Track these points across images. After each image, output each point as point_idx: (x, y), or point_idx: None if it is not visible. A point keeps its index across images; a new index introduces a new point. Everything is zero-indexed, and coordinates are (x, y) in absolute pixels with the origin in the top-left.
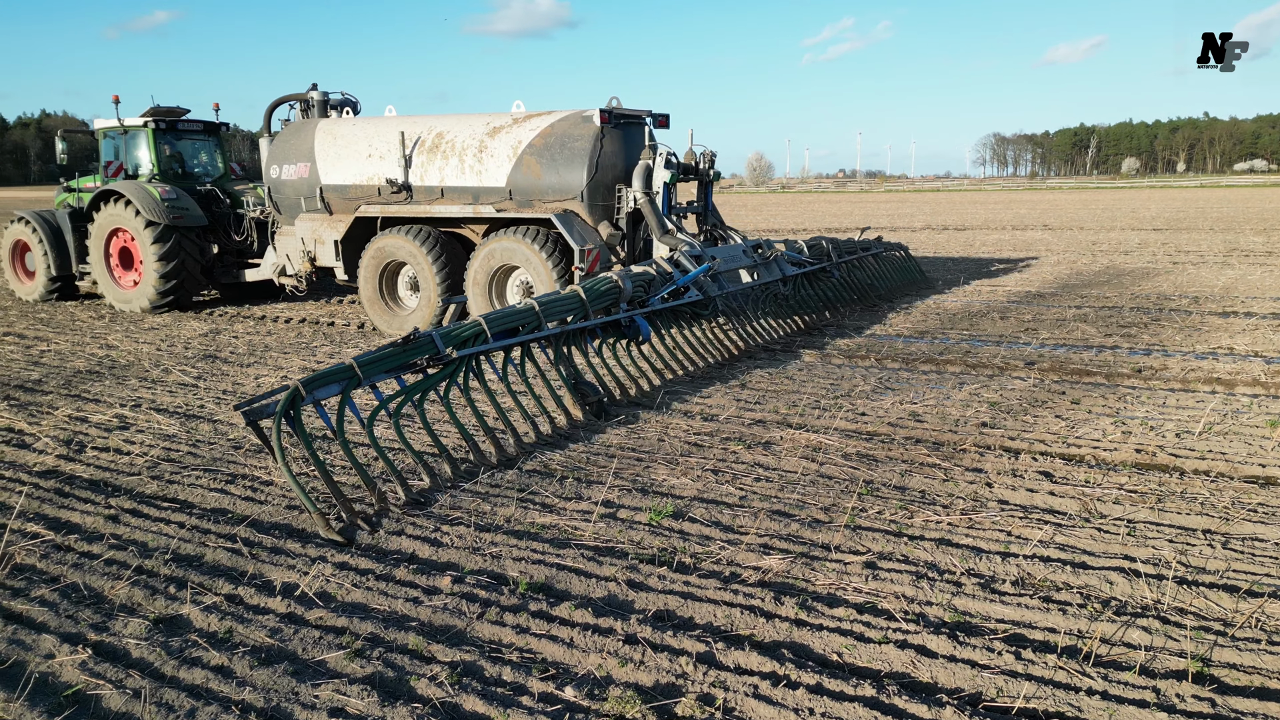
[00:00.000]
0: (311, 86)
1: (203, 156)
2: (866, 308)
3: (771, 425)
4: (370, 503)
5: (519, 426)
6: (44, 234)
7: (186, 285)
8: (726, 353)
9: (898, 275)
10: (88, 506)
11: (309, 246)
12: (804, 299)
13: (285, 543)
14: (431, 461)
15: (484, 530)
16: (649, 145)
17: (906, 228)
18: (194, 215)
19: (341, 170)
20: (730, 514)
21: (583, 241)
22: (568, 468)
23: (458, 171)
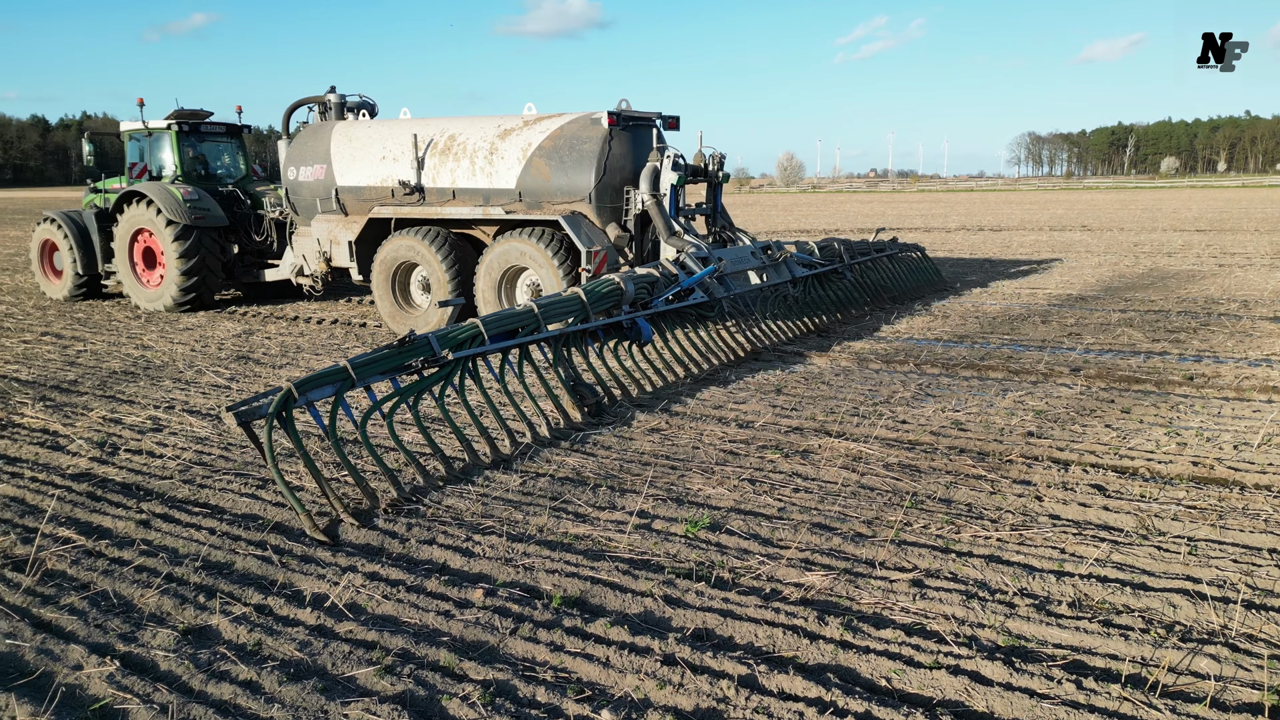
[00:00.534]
0: (330, 89)
1: (225, 158)
2: (879, 310)
3: (809, 433)
4: (360, 501)
5: (515, 426)
6: (71, 234)
7: (207, 284)
8: (732, 355)
9: (913, 277)
10: (119, 511)
11: (325, 247)
12: (814, 301)
13: (315, 551)
14: (425, 461)
15: (516, 540)
16: (657, 147)
17: (941, 228)
18: (215, 216)
19: (356, 172)
20: (769, 526)
21: (590, 243)
22: (601, 475)
23: (469, 173)
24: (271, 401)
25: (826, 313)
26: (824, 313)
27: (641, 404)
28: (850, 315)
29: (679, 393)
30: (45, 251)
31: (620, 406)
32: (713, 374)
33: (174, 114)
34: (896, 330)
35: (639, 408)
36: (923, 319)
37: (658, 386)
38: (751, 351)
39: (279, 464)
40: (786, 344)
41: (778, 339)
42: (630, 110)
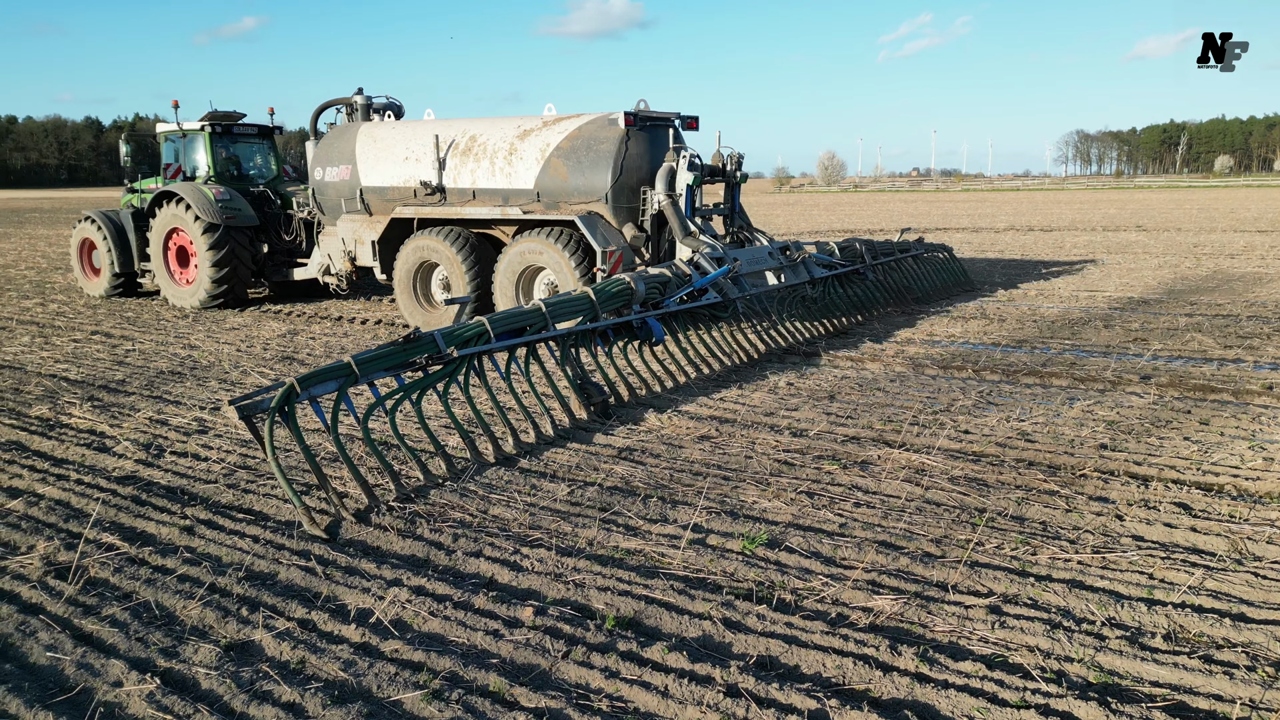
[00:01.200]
0: (357, 90)
1: (257, 159)
2: (902, 311)
3: (867, 443)
4: (359, 499)
5: (519, 424)
6: (109, 233)
7: (238, 282)
8: (745, 356)
9: (939, 277)
10: (163, 516)
11: (349, 246)
12: (834, 301)
13: (360, 562)
14: (427, 458)
15: (566, 554)
16: (673, 147)
17: (989, 228)
18: (245, 215)
19: (380, 172)
20: (831, 544)
21: (606, 243)
22: (651, 486)
23: (489, 174)
24: (274, 396)
25: (846, 314)
26: (844, 314)
27: (649, 404)
28: (871, 316)
29: (694, 393)
30: (84, 250)
31: (629, 407)
32: (759, 378)
33: (207, 116)
34: (950, 334)
35: (647, 408)
36: (978, 322)
37: (668, 387)
38: (766, 353)
39: (279, 458)
40: (804, 344)
41: (794, 340)
42: (648, 110)
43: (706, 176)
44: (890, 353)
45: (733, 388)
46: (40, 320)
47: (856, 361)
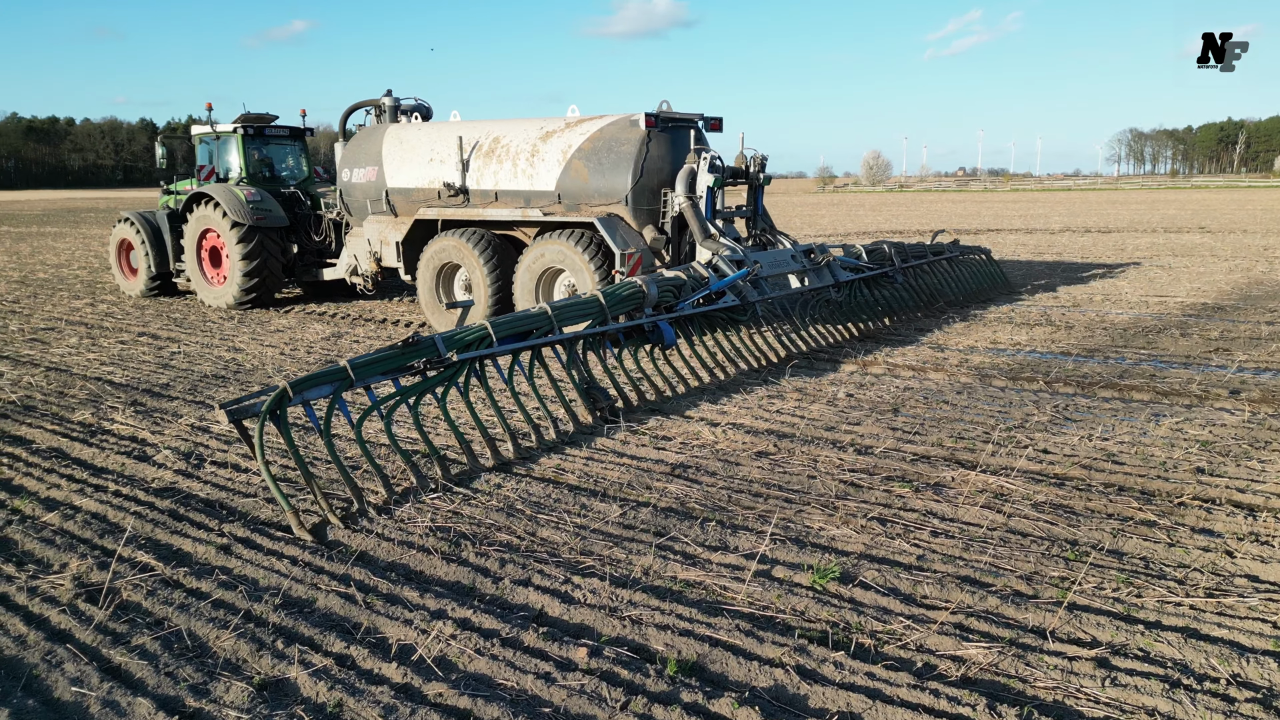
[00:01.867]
0: (386, 92)
1: (289, 160)
2: (932, 314)
3: (939, 463)
4: (349, 502)
5: (519, 428)
6: (145, 233)
7: (268, 283)
8: (764, 360)
9: (976, 280)
10: (200, 533)
11: (375, 247)
12: (860, 305)
13: (402, 589)
14: (422, 461)
15: (620, 585)
16: (694, 149)
17: (1043, 229)
18: (276, 216)
19: (405, 174)
20: (909, 579)
21: (625, 245)
22: (708, 507)
23: (511, 175)
24: (265, 399)
25: (873, 317)
26: (870, 318)
27: (659, 409)
28: (901, 320)
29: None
30: (122, 250)
31: (638, 411)
32: (816, 389)
33: (240, 118)
34: (1015, 341)
35: (659, 414)
36: (1044, 329)
37: (679, 392)
38: (786, 357)
39: (268, 462)
40: (820, 350)
41: (816, 344)
42: (670, 112)
43: (729, 178)
44: (953, 362)
45: (789, 398)
46: (89, 321)
47: (919, 371)
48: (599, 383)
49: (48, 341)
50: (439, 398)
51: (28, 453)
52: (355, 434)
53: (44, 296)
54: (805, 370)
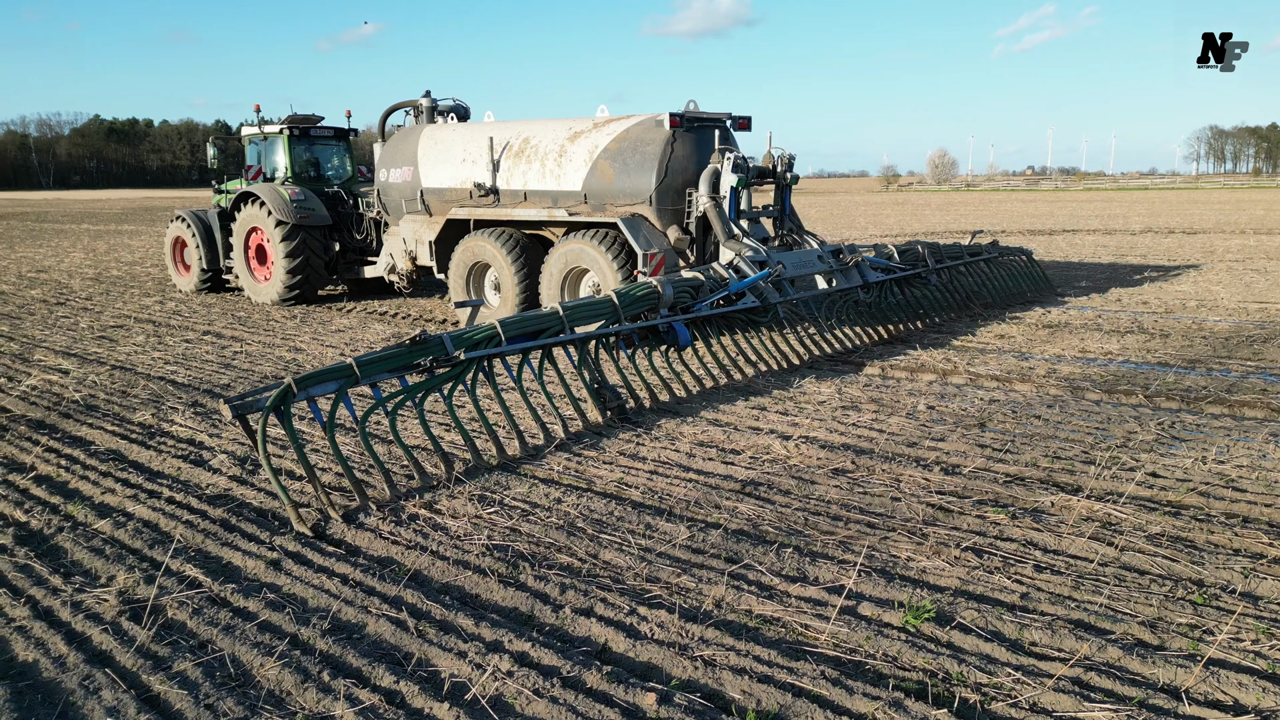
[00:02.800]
0: (425, 93)
1: (334, 160)
2: (971, 316)
3: (1036, 486)
4: (351, 500)
5: (528, 428)
6: (198, 231)
7: (311, 280)
8: (785, 362)
9: (1015, 283)
10: (251, 546)
11: (410, 246)
12: (890, 307)
13: (456, 616)
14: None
15: (690, 619)
16: (718, 149)
17: (1122, 230)
18: (319, 215)
19: (439, 174)
20: (1014, 622)
21: (648, 245)
22: (783, 531)
23: (539, 175)
24: (269, 396)
25: (904, 319)
26: (900, 320)
27: (670, 410)
28: (933, 323)
29: (728, 399)
30: (177, 247)
31: (650, 412)
32: (894, 400)
33: (287, 119)
34: (1107, 350)
35: (669, 414)
36: (1137, 337)
37: (693, 393)
38: (808, 360)
39: (272, 459)
40: (845, 353)
41: (843, 346)
42: (697, 111)
43: (756, 178)
44: (1040, 372)
45: (865, 410)
46: (157, 319)
47: (1004, 382)
48: (610, 383)
49: (115, 339)
50: (445, 396)
51: (86, 454)
52: (359, 430)
53: (116, 294)
54: (880, 378)
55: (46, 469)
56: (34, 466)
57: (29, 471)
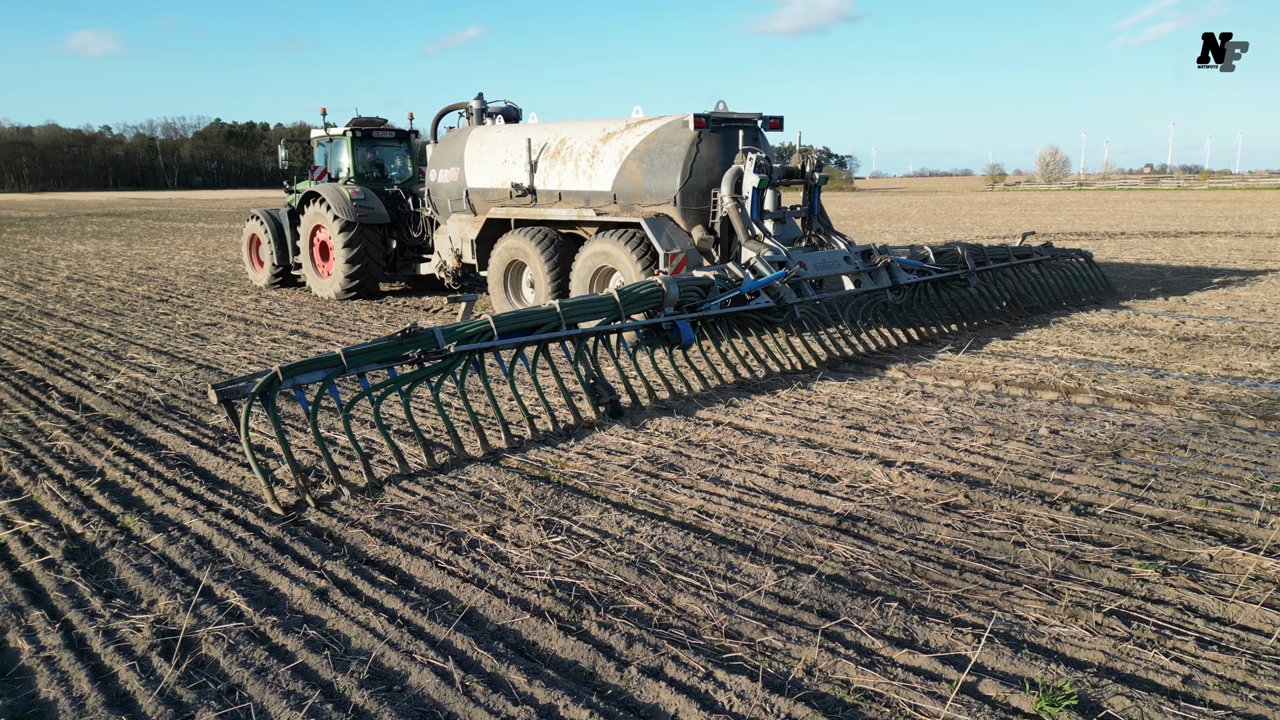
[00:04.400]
0: (476, 96)
1: (396, 161)
2: (1018, 320)
3: (1188, 533)
4: (330, 482)
5: (512, 420)
6: (270, 229)
7: (369, 276)
8: (800, 363)
9: (1068, 285)
10: (300, 571)
11: (457, 244)
12: (923, 309)
13: (508, 670)
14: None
15: (775, 689)
16: (742, 149)
17: (1258, 232)
18: (378, 214)
19: (483, 174)
20: (1176, 715)
21: (670, 245)
22: (885, 578)
23: (573, 176)
24: (256, 382)
25: (938, 322)
26: (933, 323)
27: (667, 408)
28: (973, 326)
29: (737, 399)
30: (252, 244)
31: (640, 409)
32: (1010, 422)
33: (351, 122)
34: (1257, 369)
35: (665, 413)
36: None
37: (696, 391)
38: (828, 360)
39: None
40: (868, 355)
41: (868, 348)
42: (724, 112)
43: (784, 178)
44: (1180, 392)
45: (980, 432)
46: (249, 317)
47: (1138, 404)
48: (606, 380)
49: (206, 337)
50: (433, 388)
51: (155, 459)
52: (343, 418)
53: (216, 291)
54: (994, 396)
55: (114, 474)
56: (102, 471)
57: (95, 476)
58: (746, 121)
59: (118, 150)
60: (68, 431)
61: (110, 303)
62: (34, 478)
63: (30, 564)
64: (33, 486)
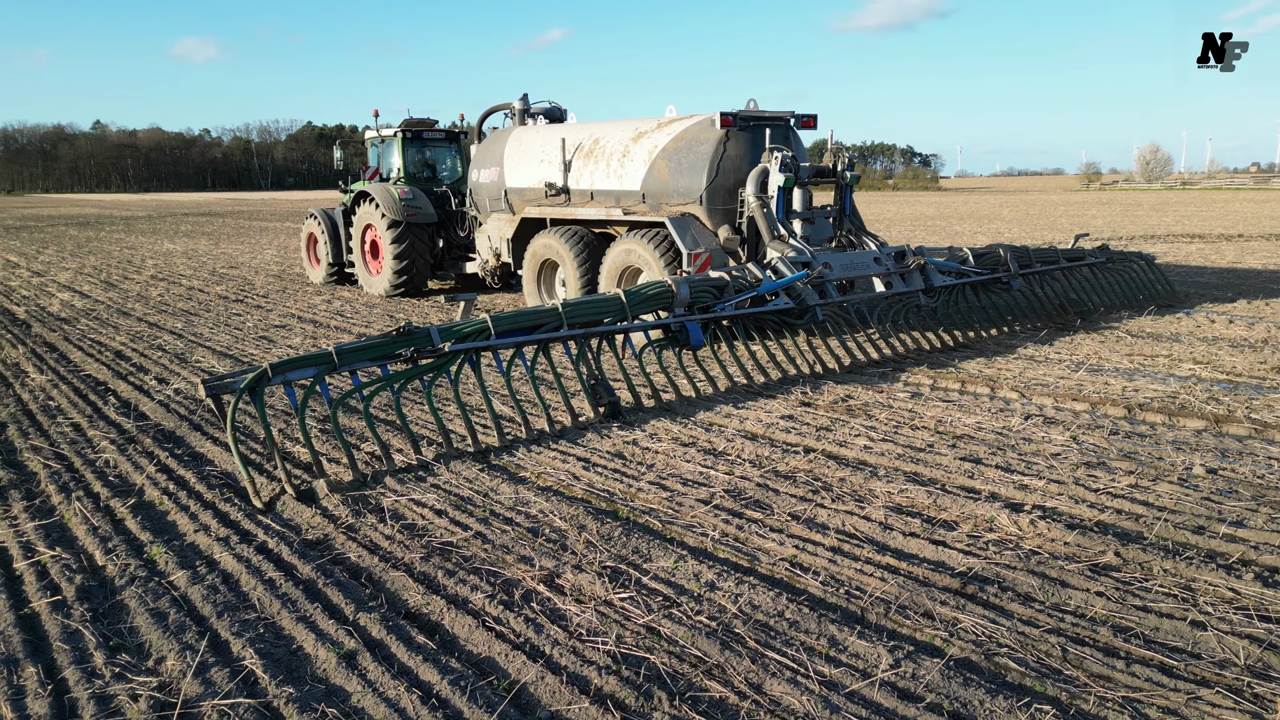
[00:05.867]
0: (521, 96)
1: (446, 161)
2: (1061, 326)
3: None
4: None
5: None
6: (326, 228)
7: (416, 274)
8: (820, 367)
9: (1124, 290)
10: (329, 625)
11: (495, 243)
12: (961, 312)
13: None
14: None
15: None
16: (768, 148)
17: None
18: (426, 213)
19: (521, 174)
20: None
21: (694, 245)
22: (1036, 670)
23: (604, 175)
24: (245, 378)
25: (975, 327)
26: (969, 327)
27: (672, 410)
28: (1015, 331)
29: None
30: (310, 242)
31: (641, 412)
32: (1155, 459)
33: (402, 123)
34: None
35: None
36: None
37: (705, 394)
38: (852, 365)
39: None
40: (887, 360)
41: (895, 351)
42: (754, 111)
43: (814, 177)
44: None
45: (1119, 469)
46: (320, 319)
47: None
48: (607, 380)
49: (274, 340)
50: (425, 386)
51: (197, 478)
52: (331, 417)
53: (291, 291)
54: (1128, 424)
55: (152, 494)
56: (140, 490)
57: (132, 496)
58: (777, 120)
59: (216, 152)
60: (115, 443)
61: (187, 302)
62: (69, 496)
63: (39, 604)
64: (66, 506)
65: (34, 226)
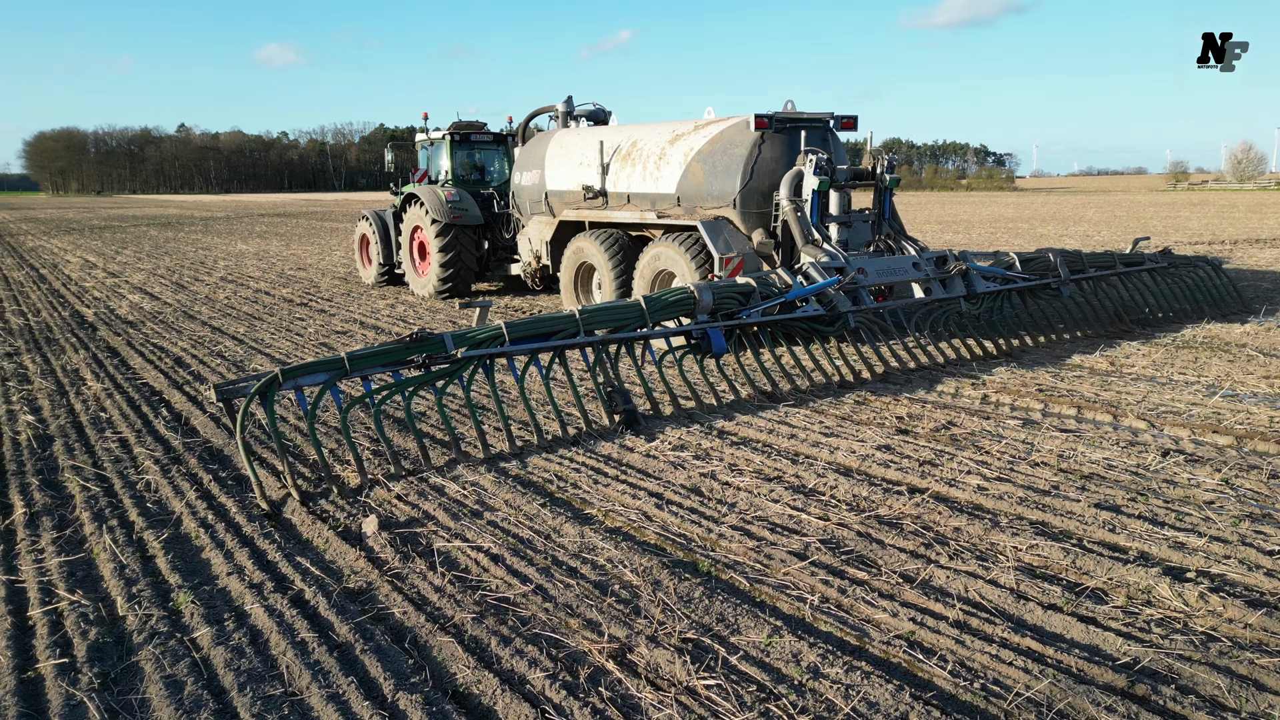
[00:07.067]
0: (565, 99)
1: (494, 164)
2: (1118, 334)
3: None
4: (322, 480)
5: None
6: (377, 229)
7: (462, 275)
8: (849, 376)
9: (1186, 297)
10: (364, 707)
11: (536, 246)
12: (1005, 319)
13: None
14: None
15: None
16: (803, 150)
17: None
18: (472, 215)
19: (561, 177)
20: None
21: (726, 249)
22: None
23: (641, 178)
24: (256, 384)
25: (1021, 334)
26: (1015, 335)
27: (683, 417)
28: (1066, 339)
29: None
30: (362, 243)
31: (657, 419)
32: None
33: (451, 126)
34: None
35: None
36: None
37: (726, 402)
38: (883, 374)
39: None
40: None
41: (925, 362)
42: (791, 112)
43: (853, 179)
44: None
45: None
46: (381, 324)
47: None
48: (624, 388)
49: (334, 347)
50: (437, 391)
51: (238, 506)
52: (341, 422)
53: (356, 294)
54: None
55: (189, 525)
56: (178, 520)
57: (168, 528)
58: (815, 121)
59: (293, 154)
60: (160, 462)
61: (253, 305)
62: (102, 525)
63: (46, 665)
64: (96, 539)
65: (117, 227)
